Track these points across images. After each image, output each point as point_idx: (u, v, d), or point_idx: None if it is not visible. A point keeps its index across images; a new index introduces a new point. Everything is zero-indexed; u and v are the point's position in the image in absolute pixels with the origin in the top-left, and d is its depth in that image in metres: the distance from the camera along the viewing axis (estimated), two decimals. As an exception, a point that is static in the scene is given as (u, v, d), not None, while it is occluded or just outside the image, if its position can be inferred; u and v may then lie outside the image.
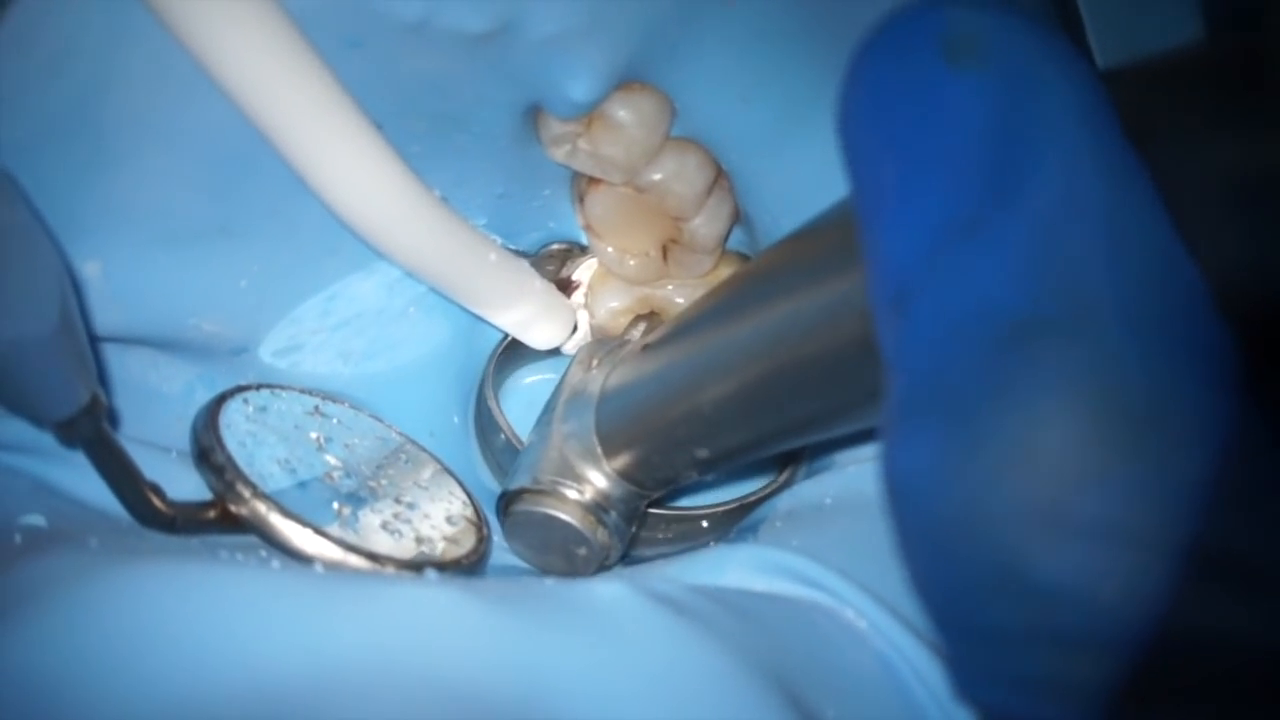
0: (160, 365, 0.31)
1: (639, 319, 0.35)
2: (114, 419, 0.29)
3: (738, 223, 0.32)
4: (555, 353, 0.35)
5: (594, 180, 0.31)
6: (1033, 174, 0.15)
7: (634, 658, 0.20)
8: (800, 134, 0.30)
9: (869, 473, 0.29)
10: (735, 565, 0.26)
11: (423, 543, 0.28)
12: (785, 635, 0.24)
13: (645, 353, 0.28)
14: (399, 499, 0.29)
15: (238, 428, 0.27)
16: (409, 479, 0.31)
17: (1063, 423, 0.14)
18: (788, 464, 0.34)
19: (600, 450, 0.29)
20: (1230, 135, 0.17)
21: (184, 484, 0.26)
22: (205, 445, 0.26)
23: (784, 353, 0.22)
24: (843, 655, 0.24)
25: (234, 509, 0.25)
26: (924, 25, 0.16)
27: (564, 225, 0.34)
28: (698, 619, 0.22)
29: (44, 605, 0.19)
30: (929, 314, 0.16)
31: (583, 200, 0.32)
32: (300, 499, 0.26)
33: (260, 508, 0.25)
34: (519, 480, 0.30)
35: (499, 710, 0.18)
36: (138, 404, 0.30)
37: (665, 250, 0.33)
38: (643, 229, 0.32)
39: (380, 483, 0.29)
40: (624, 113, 0.29)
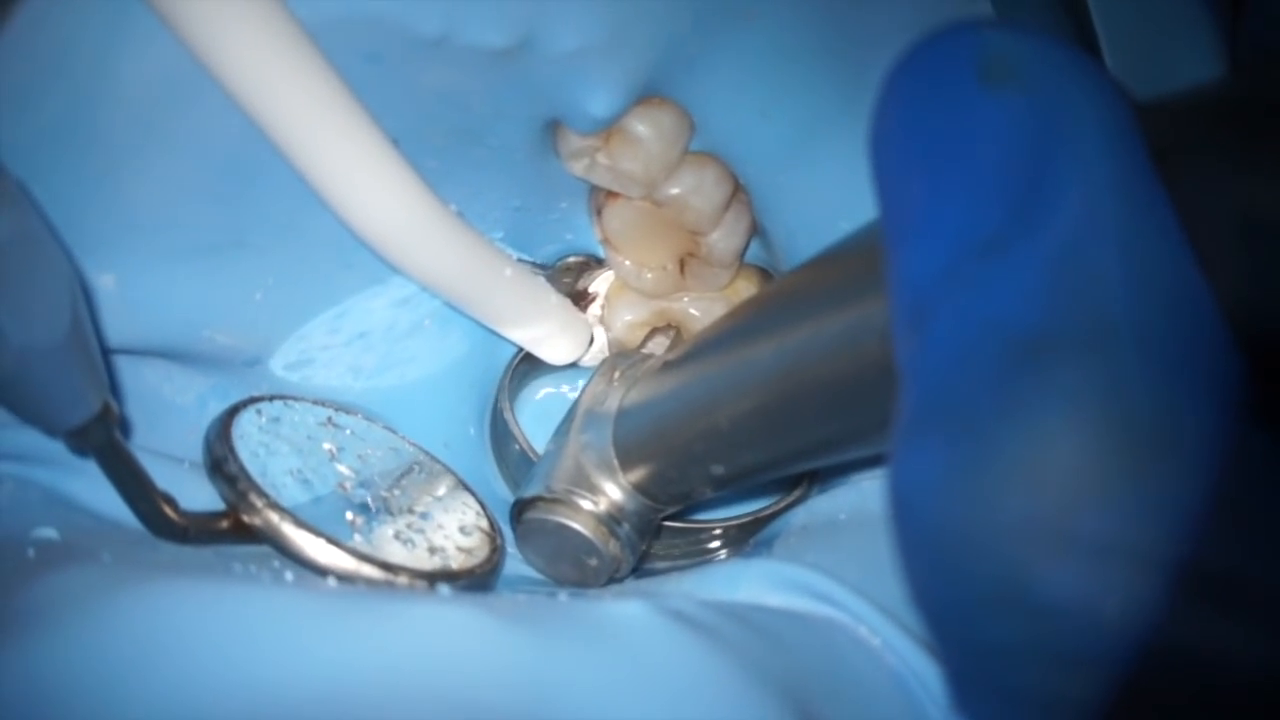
0: (174, 377, 0.31)
1: (655, 332, 0.34)
2: (127, 430, 0.29)
3: (755, 237, 0.32)
4: (572, 365, 0.35)
5: (612, 194, 0.31)
6: (1057, 197, 0.15)
7: (650, 676, 0.20)
8: (818, 149, 0.29)
9: (881, 487, 0.29)
10: (750, 580, 0.26)
11: (436, 553, 0.28)
12: (799, 652, 0.23)
13: (666, 369, 0.28)
14: (412, 509, 0.29)
15: (251, 438, 0.27)
16: (422, 489, 0.31)
17: (1069, 441, 0.14)
18: (802, 479, 0.34)
19: (617, 462, 0.29)
20: (1254, 174, 0.17)
21: (197, 495, 0.26)
22: (218, 456, 0.26)
23: (804, 374, 0.22)
24: (856, 673, 0.24)
25: (247, 519, 0.25)
26: (960, 46, 0.16)
27: (581, 238, 0.33)
28: (713, 636, 0.22)
29: (58, 623, 0.19)
30: (944, 330, 0.16)
31: (600, 214, 0.32)
32: (313, 509, 0.26)
33: (273, 518, 0.25)
34: (533, 488, 0.30)
35: None
36: (151, 415, 0.30)
37: (682, 264, 0.32)
38: (660, 243, 0.32)
39: (393, 493, 0.29)
40: (643, 127, 0.28)
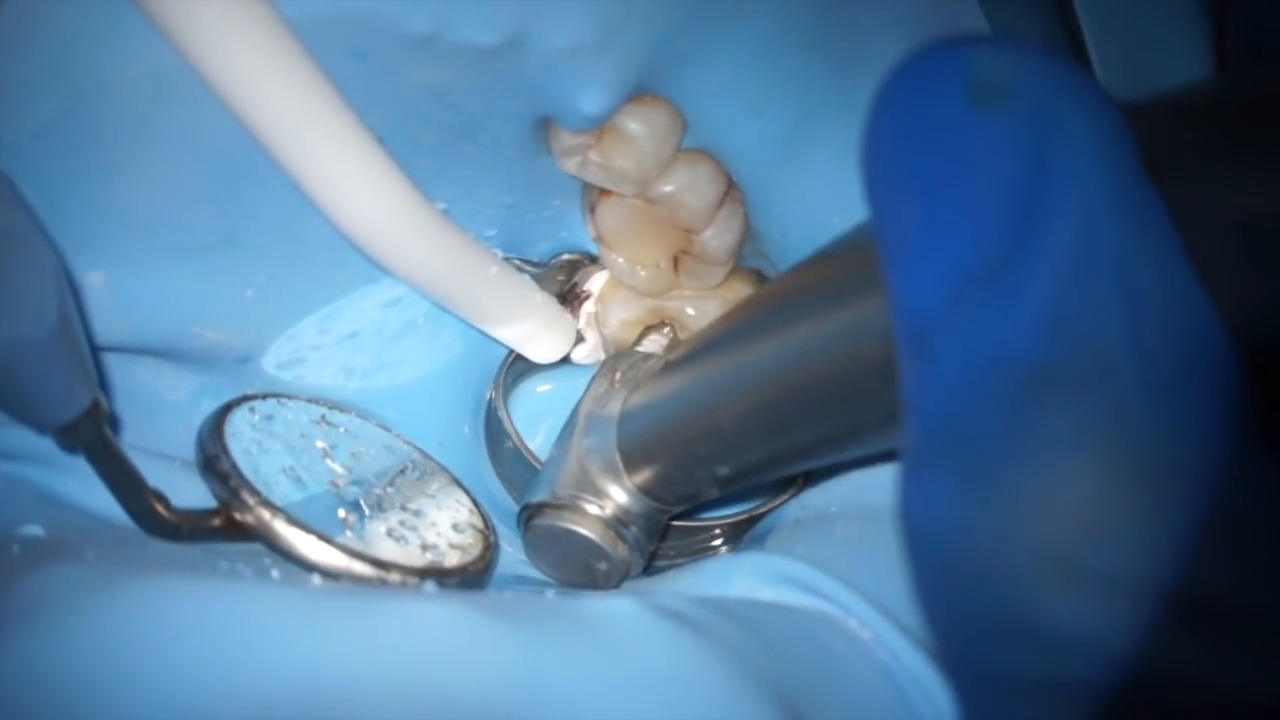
0: (165, 375, 0.31)
1: (650, 330, 0.34)
2: (118, 427, 0.29)
3: (748, 234, 0.32)
4: (566, 361, 0.34)
5: (605, 191, 0.31)
6: (1054, 219, 0.15)
7: (635, 672, 0.20)
8: (811, 145, 0.29)
9: (874, 481, 0.29)
10: (742, 575, 0.27)
11: (429, 550, 0.28)
12: (788, 646, 0.24)
13: (668, 370, 0.28)
14: (405, 506, 0.29)
15: (243, 436, 0.27)
16: (415, 487, 0.31)
17: (1078, 476, 0.15)
18: (799, 475, 0.34)
19: (621, 465, 0.29)
20: (1253, 177, 0.16)
21: (189, 492, 0.26)
22: (210, 453, 0.26)
23: (805, 374, 0.22)
24: (845, 667, 0.24)
25: (239, 516, 0.25)
26: (948, 65, 0.16)
27: (575, 236, 0.33)
28: (701, 632, 0.22)
29: (39, 621, 0.19)
30: (947, 359, 0.16)
31: (593, 211, 0.32)
32: (305, 506, 0.26)
33: (265, 515, 0.25)
34: (539, 495, 0.30)
35: None
36: (143, 413, 0.30)
37: (676, 261, 0.32)
38: (653, 240, 0.32)
39: (386, 490, 0.29)
40: (635, 125, 0.28)
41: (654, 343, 0.35)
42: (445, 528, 0.29)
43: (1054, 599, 0.15)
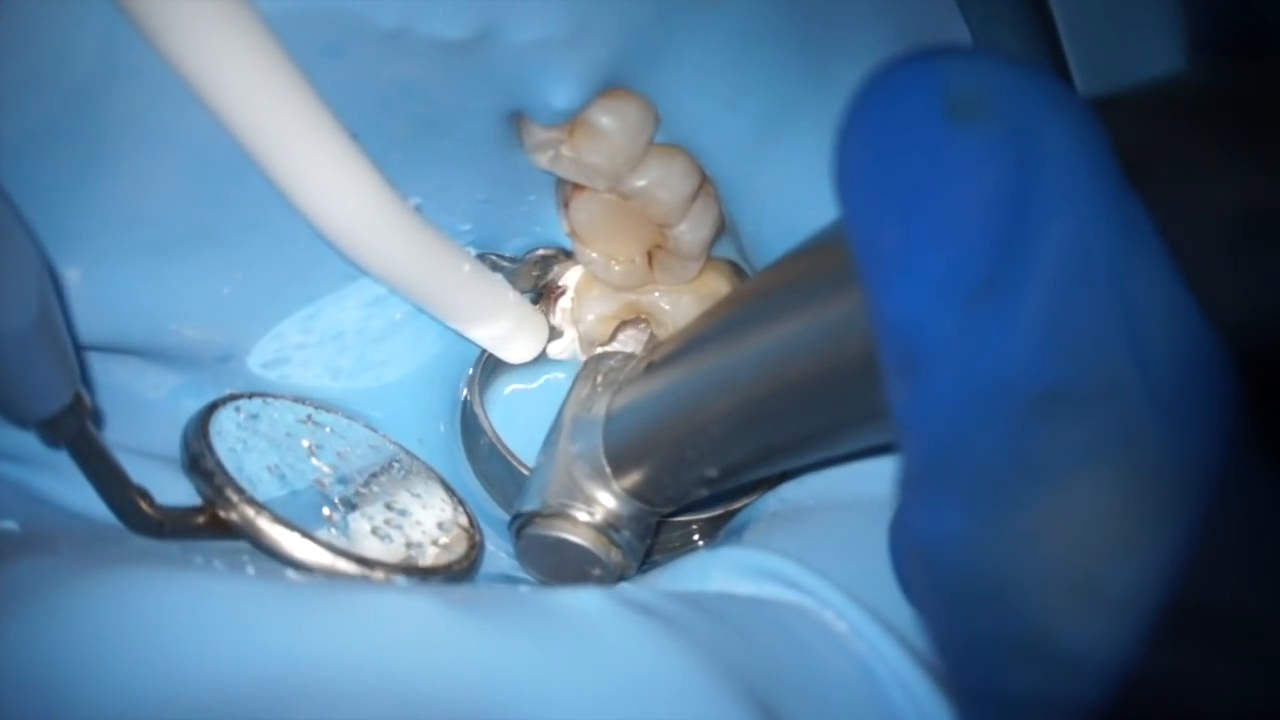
0: (145, 373, 0.31)
1: (625, 325, 0.34)
2: (100, 423, 0.29)
3: (723, 229, 0.32)
4: (543, 357, 0.35)
5: (578, 186, 0.31)
6: (1044, 234, 0.15)
7: (600, 665, 0.20)
8: (785, 139, 0.29)
9: (851, 473, 0.29)
10: (718, 570, 0.27)
11: (413, 548, 0.28)
12: (761, 640, 0.24)
13: (650, 372, 0.28)
14: (390, 505, 0.29)
15: (228, 434, 0.27)
16: (401, 486, 0.31)
17: (1093, 496, 0.15)
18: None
19: (609, 470, 0.29)
20: (1231, 170, 0.16)
21: (172, 491, 0.26)
22: (195, 451, 0.26)
23: (787, 372, 0.22)
24: (820, 659, 0.24)
25: (223, 514, 0.25)
26: (921, 80, 0.16)
27: (550, 231, 0.33)
28: (670, 625, 0.22)
29: (9, 612, 0.19)
30: (947, 380, 0.15)
31: (567, 206, 0.32)
32: (290, 504, 0.27)
33: (249, 512, 0.25)
34: (529, 504, 0.30)
35: (460, 717, 0.18)
36: (124, 412, 0.30)
37: (651, 256, 0.32)
38: (627, 235, 0.32)
39: (372, 489, 0.30)
40: (606, 119, 0.28)
41: (630, 338, 0.35)
42: (430, 526, 0.30)
43: (1068, 619, 0.15)
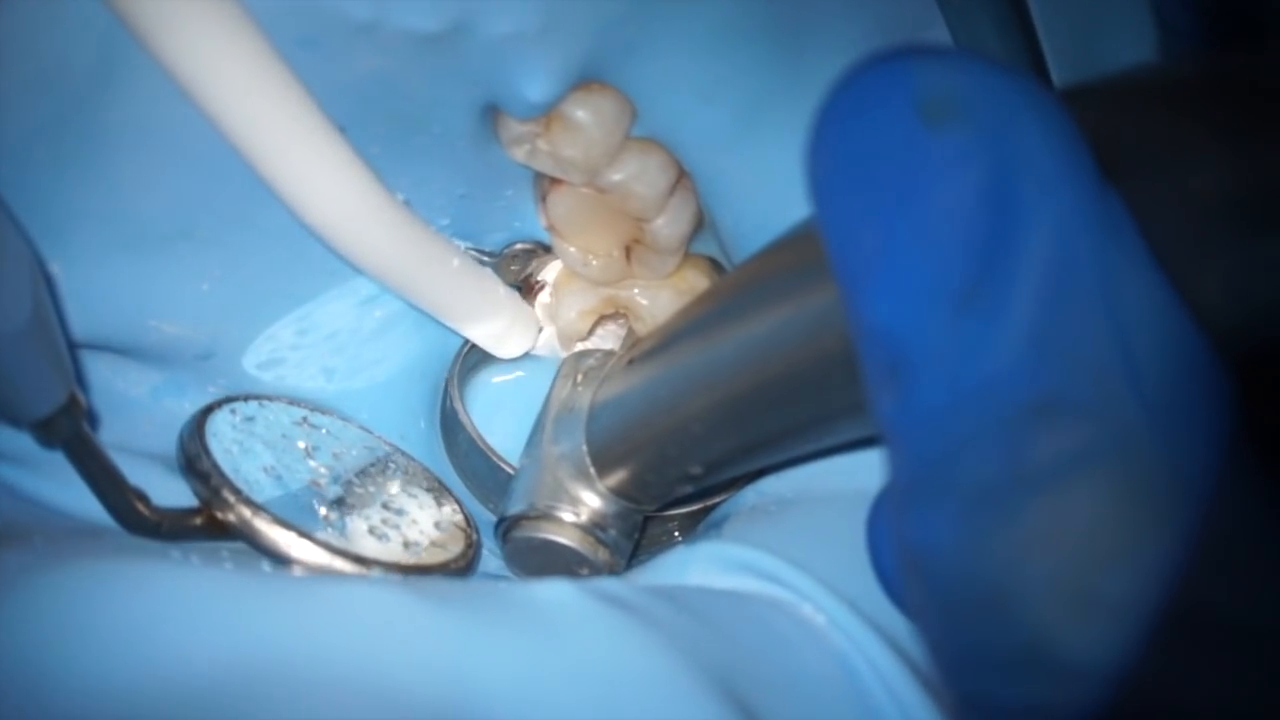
0: (126, 371, 0.31)
1: (604, 319, 0.34)
2: (95, 423, 0.29)
3: (701, 223, 0.32)
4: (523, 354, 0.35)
5: (555, 180, 0.31)
6: (1027, 237, 0.15)
7: (569, 658, 0.20)
8: (762, 132, 0.29)
9: (830, 467, 0.29)
10: (697, 564, 0.27)
11: (410, 547, 0.28)
12: (738, 633, 0.24)
13: (631, 369, 0.28)
14: (387, 505, 0.30)
15: (224, 436, 0.28)
16: (397, 486, 0.31)
17: (1087, 502, 0.14)
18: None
19: (593, 471, 0.29)
20: (1209, 156, 0.16)
21: (157, 488, 0.26)
22: (191, 453, 0.26)
23: (767, 367, 0.22)
24: (798, 653, 0.24)
25: (220, 515, 0.25)
26: (893, 83, 0.15)
27: (528, 225, 0.33)
28: (641, 617, 0.22)
29: None
30: (935, 389, 0.15)
31: (544, 200, 0.32)
32: (286, 505, 0.27)
33: (246, 512, 0.25)
34: (515, 507, 0.30)
35: (427, 710, 0.18)
36: (105, 410, 0.30)
37: (629, 251, 0.32)
38: (605, 229, 0.32)
39: (368, 489, 0.30)
40: (582, 113, 0.28)
41: (609, 333, 0.35)
42: (427, 525, 0.30)
43: (1065, 626, 0.14)
